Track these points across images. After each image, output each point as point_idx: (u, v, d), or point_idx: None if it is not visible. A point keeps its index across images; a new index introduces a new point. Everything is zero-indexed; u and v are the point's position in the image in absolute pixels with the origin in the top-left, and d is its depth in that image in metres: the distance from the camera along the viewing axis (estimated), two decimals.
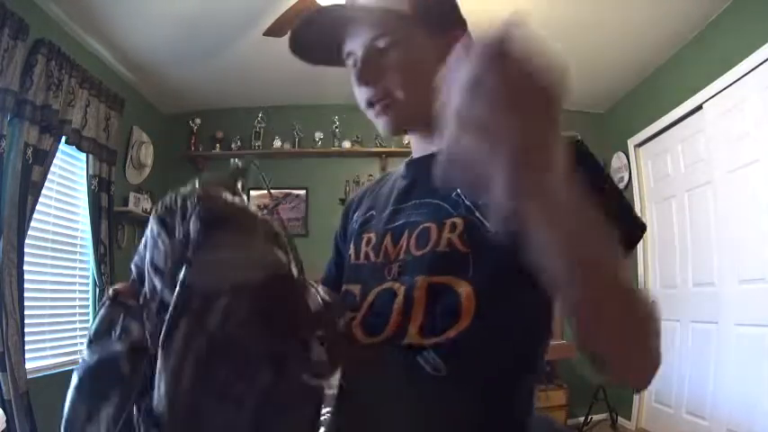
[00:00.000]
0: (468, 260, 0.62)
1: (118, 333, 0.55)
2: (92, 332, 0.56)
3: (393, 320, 0.63)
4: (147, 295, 0.55)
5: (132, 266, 0.61)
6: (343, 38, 0.71)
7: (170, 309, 0.48)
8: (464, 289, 0.61)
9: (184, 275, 0.48)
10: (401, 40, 0.68)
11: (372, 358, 0.63)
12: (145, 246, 0.58)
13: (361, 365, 0.62)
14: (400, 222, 0.71)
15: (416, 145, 0.80)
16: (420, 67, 0.70)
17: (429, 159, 0.76)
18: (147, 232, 0.56)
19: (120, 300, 0.58)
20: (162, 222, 0.54)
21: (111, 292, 0.59)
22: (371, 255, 0.72)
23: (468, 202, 0.65)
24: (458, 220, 0.64)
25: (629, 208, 0.65)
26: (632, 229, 0.63)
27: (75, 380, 0.55)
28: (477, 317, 0.60)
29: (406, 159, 0.84)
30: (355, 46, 0.70)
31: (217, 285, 0.48)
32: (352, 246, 0.76)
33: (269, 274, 0.50)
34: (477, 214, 0.64)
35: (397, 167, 0.87)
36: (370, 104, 0.71)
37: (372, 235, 0.74)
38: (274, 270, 0.51)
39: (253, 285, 0.49)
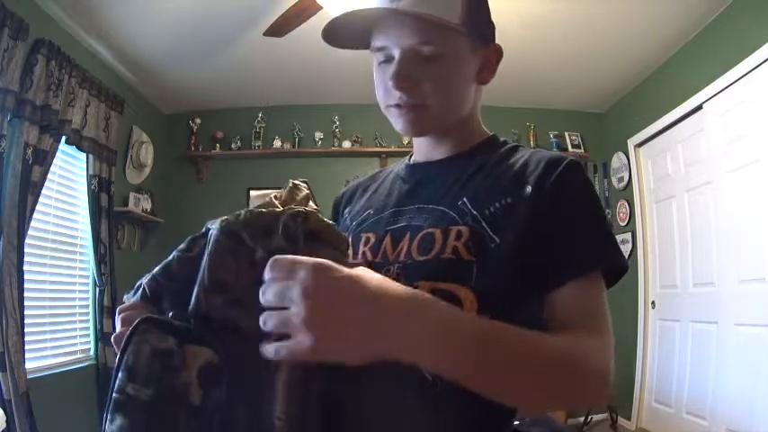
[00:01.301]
0: (471, 268, 0.62)
1: (176, 361, 0.49)
2: (129, 367, 0.48)
3: None
4: (199, 314, 0.52)
5: (145, 286, 0.57)
6: (381, 31, 0.69)
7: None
8: (466, 295, 0.61)
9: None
10: (447, 53, 0.67)
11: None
12: (179, 261, 0.56)
13: (358, 370, 0.61)
14: (401, 225, 0.71)
15: (422, 148, 0.80)
16: (457, 81, 0.70)
17: (434, 165, 0.77)
18: (212, 249, 0.53)
19: (163, 325, 0.51)
20: (237, 238, 0.53)
21: (136, 322, 0.51)
22: (369, 255, 0.71)
23: (474, 212, 0.66)
24: (464, 229, 0.64)
25: (611, 243, 0.67)
26: (612, 266, 0.65)
27: (123, 423, 0.47)
28: None
29: (406, 160, 0.84)
30: (392, 43, 0.68)
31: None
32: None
33: None
34: (484, 224, 0.64)
35: (390, 167, 0.87)
36: (397, 106, 0.70)
37: (371, 235, 0.73)
38: None
39: None
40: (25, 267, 2.34)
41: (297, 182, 0.65)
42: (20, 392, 2.21)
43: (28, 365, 2.34)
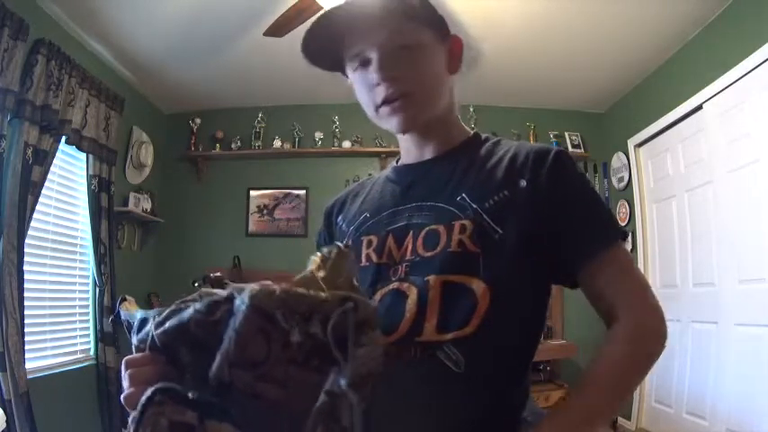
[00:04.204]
0: (478, 259, 0.65)
1: None
2: None
3: (407, 319, 0.65)
4: (222, 382, 0.48)
5: (155, 336, 0.53)
6: (353, 38, 0.72)
7: (317, 408, 0.47)
8: (478, 285, 0.64)
9: (343, 374, 0.48)
10: (421, 43, 0.71)
11: (389, 358, 0.63)
12: (197, 324, 0.51)
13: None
14: (402, 224, 0.73)
15: (410, 150, 0.82)
16: (434, 69, 0.73)
17: (423, 165, 0.79)
18: (240, 326, 0.49)
19: (180, 396, 0.47)
20: (269, 317, 0.49)
21: (150, 392, 0.48)
22: (374, 256, 0.73)
23: (475, 206, 0.68)
24: (467, 223, 0.67)
25: (614, 216, 0.72)
26: (613, 235, 0.69)
27: None
28: (492, 312, 0.63)
29: (394, 164, 0.86)
30: (368, 44, 0.70)
31: (351, 383, 0.48)
32: None
33: (381, 362, 0.53)
34: (485, 217, 0.67)
35: (375, 175, 0.90)
36: (386, 102, 0.72)
37: (373, 237, 0.74)
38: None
39: (374, 376, 0.51)
40: (25, 267, 2.34)
41: (343, 247, 0.64)
42: (20, 392, 2.21)
43: (28, 365, 2.34)
